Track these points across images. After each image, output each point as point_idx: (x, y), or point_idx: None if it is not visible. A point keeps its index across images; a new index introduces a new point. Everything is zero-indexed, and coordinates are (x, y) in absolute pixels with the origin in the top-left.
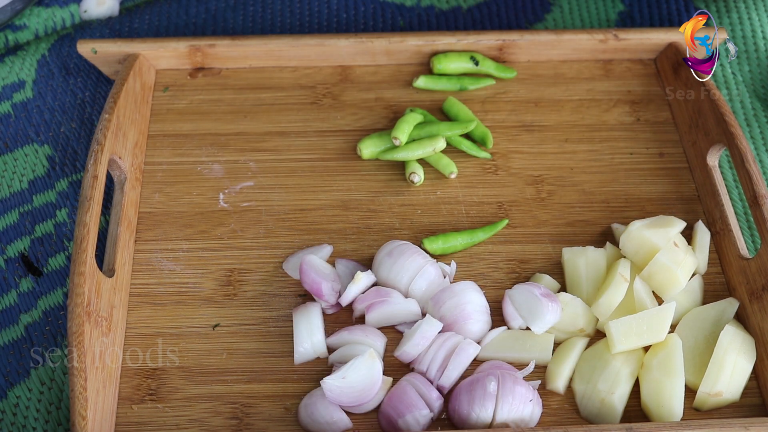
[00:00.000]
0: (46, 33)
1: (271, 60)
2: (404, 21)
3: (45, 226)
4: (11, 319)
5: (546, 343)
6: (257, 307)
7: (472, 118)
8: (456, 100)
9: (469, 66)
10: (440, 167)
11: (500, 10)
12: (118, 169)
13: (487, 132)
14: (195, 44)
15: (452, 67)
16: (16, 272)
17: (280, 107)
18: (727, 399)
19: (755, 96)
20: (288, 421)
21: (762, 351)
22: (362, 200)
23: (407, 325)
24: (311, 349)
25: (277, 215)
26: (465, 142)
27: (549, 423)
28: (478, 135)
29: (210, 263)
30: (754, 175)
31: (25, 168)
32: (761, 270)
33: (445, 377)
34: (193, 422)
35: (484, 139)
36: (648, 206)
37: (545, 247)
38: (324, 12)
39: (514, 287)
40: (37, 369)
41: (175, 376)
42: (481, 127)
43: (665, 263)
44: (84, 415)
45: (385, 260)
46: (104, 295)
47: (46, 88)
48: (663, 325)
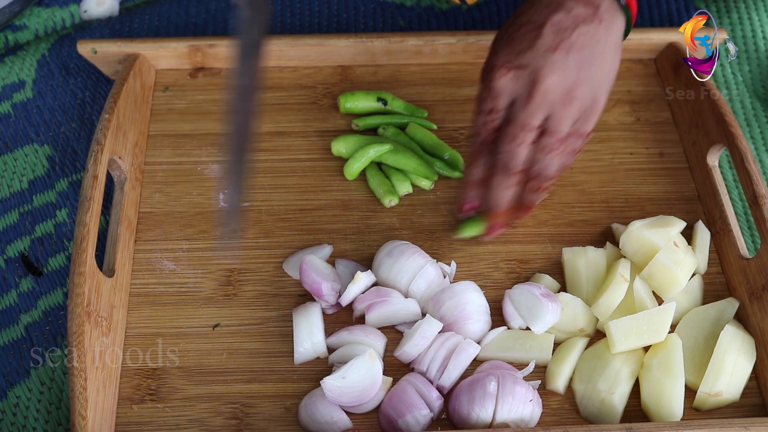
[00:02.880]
0: (46, 33)
1: (271, 60)
2: (404, 21)
3: (45, 226)
4: (11, 319)
5: (546, 343)
6: (257, 307)
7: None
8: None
9: (377, 105)
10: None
11: (500, 10)
12: (118, 169)
13: (457, 155)
14: (195, 44)
15: (361, 106)
16: (16, 272)
17: (280, 107)
18: (727, 399)
19: (755, 96)
20: (288, 421)
21: (762, 351)
22: (362, 200)
23: (407, 325)
24: (311, 349)
25: (277, 215)
26: (437, 163)
27: (549, 423)
28: (449, 158)
29: (210, 263)
30: (754, 175)
31: (25, 168)
32: (761, 270)
33: (445, 377)
34: (193, 422)
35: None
36: (648, 206)
37: (545, 247)
38: (324, 12)
39: (514, 287)
40: (37, 369)
41: (175, 376)
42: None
43: (665, 263)
44: (84, 415)
45: (385, 260)
46: (104, 295)
47: (46, 88)
48: (663, 325)
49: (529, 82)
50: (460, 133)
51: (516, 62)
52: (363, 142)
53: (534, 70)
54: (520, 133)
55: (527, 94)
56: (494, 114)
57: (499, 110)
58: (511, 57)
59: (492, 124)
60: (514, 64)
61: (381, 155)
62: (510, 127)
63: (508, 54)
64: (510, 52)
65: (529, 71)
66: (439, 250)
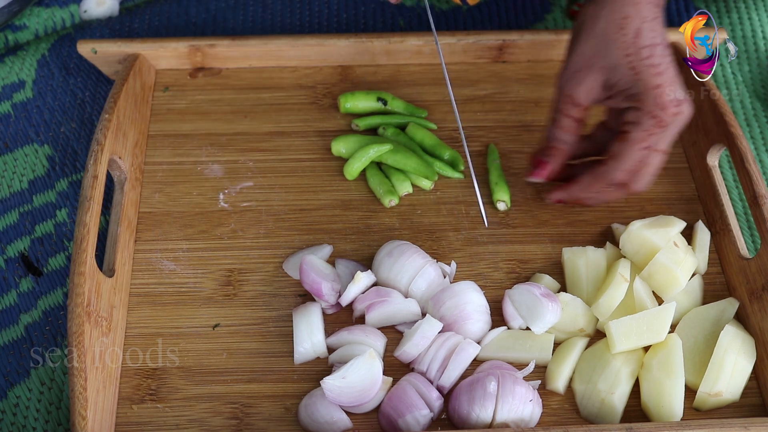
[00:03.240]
0: (46, 33)
1: (271, 60)
2: (404, 21)
3: (45, 226)
4: (11, 319)
5: (546, 343)
6: (257, 307)
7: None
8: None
9: (377, 105)
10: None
11: (500, 10)
12: (118, 169)
13: (457, 155)
14: (195, 44)
15: (361, 107)
16: (16, 272)
17: (280, 107)
18: (727, 399)
19: (755, 96)
20: (288, 421)
21: (762, 351)
22: (362, 200)
23: (407, 325)
24: (311, 349)
25: (277, 215)
26: (437, 163)
27: (549, 423)
28: (449, 158)
29: (210, 263)
30: (754, 175)
31: (25, 168)
32: (761, 270)
33: (445, 377)
34: (193, 422)
35: (455, 161)
36: (648, 206)
37: (545, 247)
38: (324, 12)
39: (514, 287)
40: (37, 369)
41: (175, 376)
42: (451, 151)
43: (665, 263)
44: (84, 415)
45: (385, 260)
46: (104, 295)
47: (46, 88)
48: (663, 326)
49: (687, 117)
50: (459, 133)
51: (680, 97)
52: (363, 142)
53: (688, 104)
54: (660, 158)
55: (682, 127)
56: (659, 128)
57: (665, 125)
58: (673, 91)
59: (649, 140)
60: (679, 100)
61: (381, 155)
62: (634, 144)
63: (670, 87)
64: (668, 84)
65: (687, 105)
66: (439, 250)
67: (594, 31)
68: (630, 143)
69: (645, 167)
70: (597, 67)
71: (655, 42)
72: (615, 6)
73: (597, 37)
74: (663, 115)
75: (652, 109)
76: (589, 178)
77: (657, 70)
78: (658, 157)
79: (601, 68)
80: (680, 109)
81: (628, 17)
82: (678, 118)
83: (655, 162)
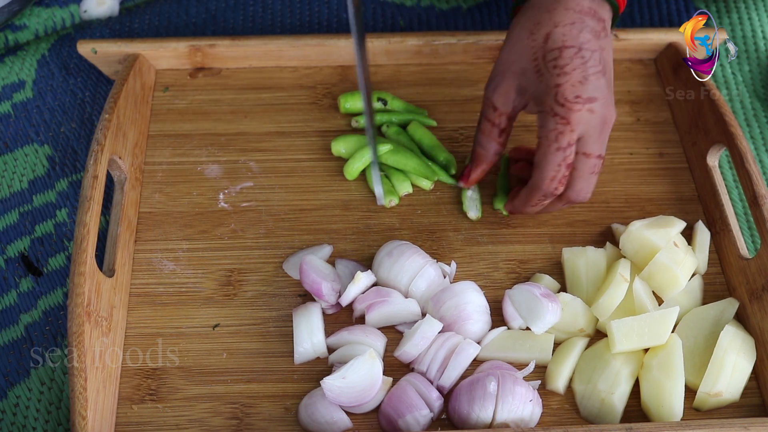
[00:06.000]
0: (46, 33)
1: (271, 60)
2: (404, 21)
3: (45, 226)
4: (11, 319)
5: (546, 343)
6: (257, 307)
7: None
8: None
9: (377, 105)
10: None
11: (500, 10)
12: (118, 169)
13: (452, 158)
14: (195, 44)
15: (361, 107)
16: (16, 272)
17: (280, 107)
18: (727, 399)
19: (755, 96)
20: (288, 421)
21: (762, 351)
22: (362, 200)
23: (407, 325)
24: (311, 349)
25: (277, 215)
26: (433, 165)
27: (549, 423)
28: (444, 161)
29: (210, 263)
30: (754, 175)
31: (25, 168)
32: (761, 270)
33: (445, 377)
34: (193, 422)
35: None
36: (648, 206)
37: (545, 247)
38: (324, 12)
39: (514, 287)
40: (37, 369)
41: (175, 376)
42: (447, 154)
43: (665, 263)
44: (84, 415)
45: (385, 260)
46: (104, 295)
47: (46, 88)
48: (665, 329)
49: (601, 116)
50: (459, 133)
51: (586, 95)
52: (363, 142)
53: (603, 103)
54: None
55: (600, 128)
56: (569, 149)
57: (573, 144)
58: (576, 89)
59: (569, 159)
60: (585, 98)
61: (381, 155)
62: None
63: (572, 86)
64: (571, 83)
65: (600, 104)
66: (439, 250)
67: (511, 37)
68: (542, 148)
69: (575, 173)
70: (510, 72)
71: (566, 44)
72: (530, 12)
73: (512, 43)
74: (563, 112)
75: (552, 107)
76: (525, 191)
77: (561, 71)
78: (589, 162)
79: (513, 73)
80: (589, 107)
81: (539, 22)
82: (587, 117)
83: (586, 168)
